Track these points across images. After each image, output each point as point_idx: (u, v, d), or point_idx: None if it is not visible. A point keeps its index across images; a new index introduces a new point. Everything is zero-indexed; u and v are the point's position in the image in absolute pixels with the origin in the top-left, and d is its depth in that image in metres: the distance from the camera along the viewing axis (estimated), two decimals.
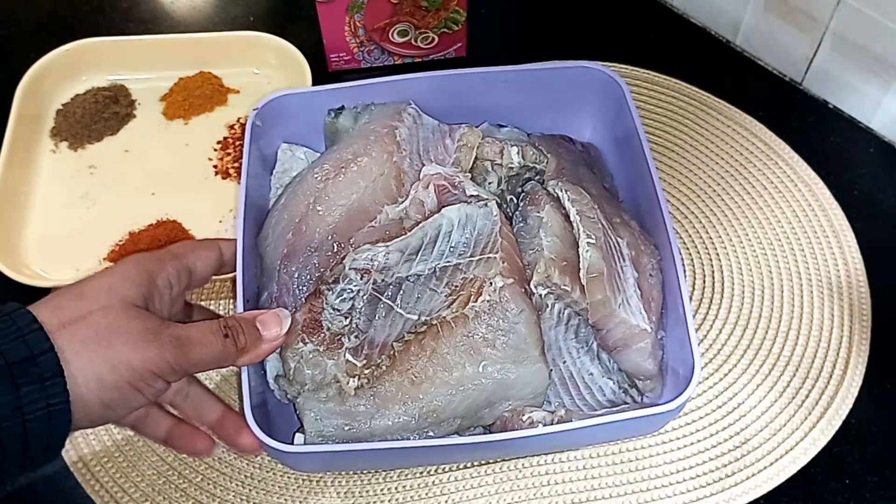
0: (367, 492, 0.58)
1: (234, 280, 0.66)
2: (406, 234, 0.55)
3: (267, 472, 0.59)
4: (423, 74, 0.63)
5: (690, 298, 0.62)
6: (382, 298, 0.53)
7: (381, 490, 0.58)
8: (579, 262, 0.55)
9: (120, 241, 0.68)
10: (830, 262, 0.67)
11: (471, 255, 0.54)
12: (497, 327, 0.51)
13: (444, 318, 0.52)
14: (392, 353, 0.52)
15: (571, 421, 0.52)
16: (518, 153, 0.62)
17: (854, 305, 0.65)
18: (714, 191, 0.71)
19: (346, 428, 0.51)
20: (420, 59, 0.80)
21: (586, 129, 0.69)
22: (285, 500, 0.58)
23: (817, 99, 0.77)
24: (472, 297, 0.52)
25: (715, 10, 0.80)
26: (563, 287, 0.55)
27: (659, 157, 0.73)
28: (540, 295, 0.55)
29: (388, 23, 0.75)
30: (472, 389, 0.51)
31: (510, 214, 0.60)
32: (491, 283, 0.52)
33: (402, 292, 0.53)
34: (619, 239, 0.58)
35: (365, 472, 0.59)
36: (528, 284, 0.54)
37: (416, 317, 0.53)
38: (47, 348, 0.39)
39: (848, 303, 0.65)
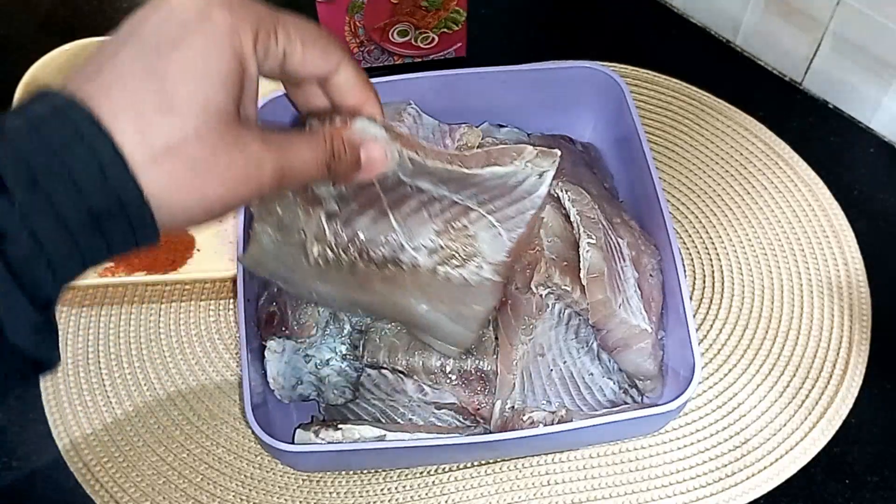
0: (367, 492, 0.58)
1: (234, 280, 0.66)
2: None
3: (267, 472, 0.59)
4: (423, 74, 0.63)
5: (690, 298, 0.62)
6: (376, 185, 0.47)
7: (381, 490, 0.58)
8: (580, 262, 0.55)
9: None
10: (830, 262, 0.67)
11: (488, 212, 0.50)
12: (457, 299, 0.50)
13: (417, 265, 0.49)
14: (354, 259, 0.49)
15: (572, 421, 0.52)
16: None
17: (854, 305, 0.65)
18: (714, 191, 0.71)
19: (283, 272, 0.50)
20: (420, 59, 0.80)
21: (586, 129, 0.69)
22: (285, 500, 0.58)
23: (817, 99, 0.77)
24: (456, 261, 0.49)
25: (715, 10, 0.80)
26: (563, 287, 0.55)
27: (659, 157, 0.73)
28: (541, 295, 0.55)
29: (388, 23, 0.75)
30: (405, 314, 0.52)
31: None
32: (480, 266, 0.50)
33: (400, 192, 0.48)
34: (619, 239, 0.58)
35: (365, 472, 0.59)
36: (509, 284, 0.54)
37: (399, 232, 0.49)
38: (136, 195, 0.33)
39: (848, 303, 0.65)
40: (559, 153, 0.50)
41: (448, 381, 0.55)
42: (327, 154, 0.41)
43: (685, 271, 0.63)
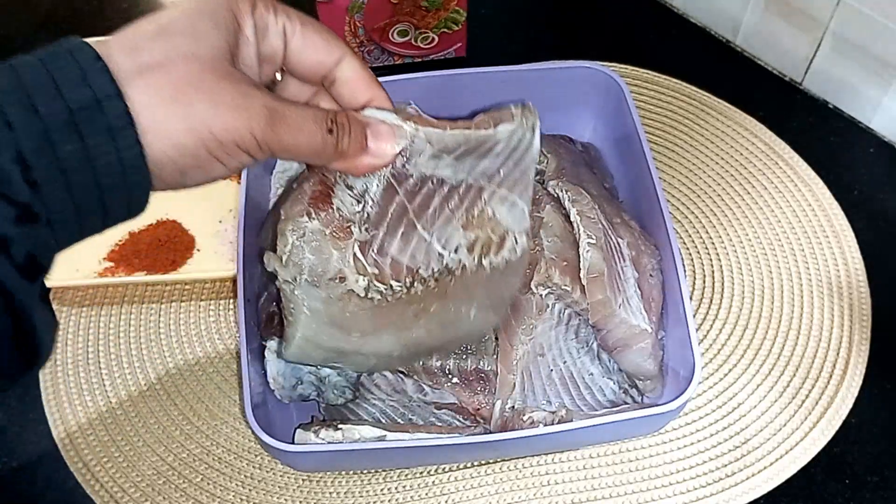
0: (367, 492, 0.58)
1: (234, 280, 0.66)
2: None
3: (267, 472, 0.59)
4: (423, 74, 0.63)
5: (690, 298, 0.62)
6: (399, 192, 0.45)
7: (381, 490, 0.58)
8: (580, 262, 0.55)
9: (120, 240, 0.68)
10: (830, 262, 0.67)
11: (498, 185, 0.48)
12: (502, 283, 0.50)
13: (464, 265, 0.47)
14: (409, 284, 0.46)
15: (571, 421, 0.52)
16: None
17: (854, 305, 0.65)
18: (714, 191, 0.71)
19: (340, 338, 0.46)
20: (420, 59, 0.80)
21: (586, 129, 0.69)
22: (285, 500, 0.58)
23: (817, 99, 0.77)
24: (494, 248, 0.48)
25: (715, 10, 0.80)
26: (563, 287, 0.55)
27: (659, 157, 0.73)
28: (541, 295, 0.55)
29: (388, 23, 0.75)
30: (453, 330, 0.50)
31: None
32: (515, 241, 0.48)
33: (421, 196, 0.46)
34: (619, 239, 0.58)
35: (365, 472, 0.59)
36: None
37: (433, 242, 0.46)
38: (114, 93, 0.32)
39: (848, 303, 0.65)
40: (534, 106, 0.49)
41: (448, 381, 0.55)
42: (328, 122, 0.39)
43: (685, 271, 0.63)
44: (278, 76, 0.42)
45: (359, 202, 0.45)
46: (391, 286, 0.45)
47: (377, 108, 0.43)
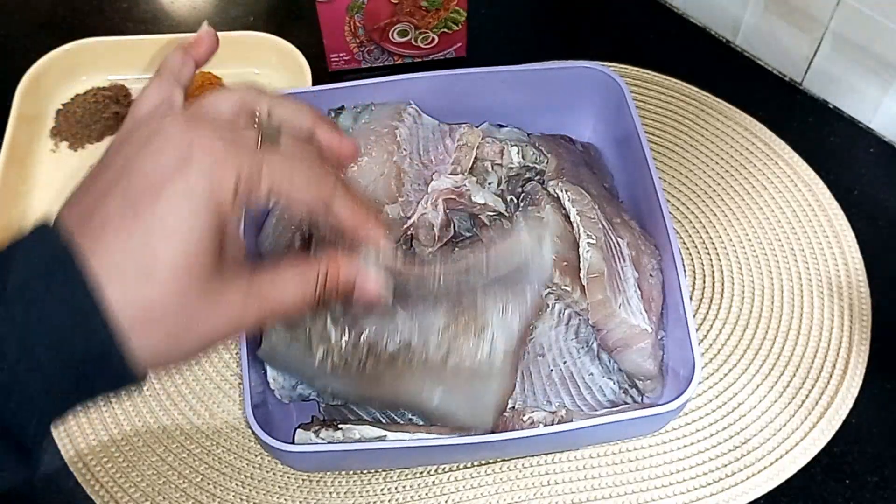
0: (367, 492, 0.58)
1: None
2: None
3: (267, 472, 0.59)
4: (423, 74, 0.63)
5: (690, 298, 0.62)
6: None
7: (381, 490, 0.58)
8: (580, 262, 0.55)
9: None
10: (830, 262, 0.67)
11: (493, 292, 0.49)
12: (471, 384, 0.49)
13: (427, 356, 0.49)
14: (363, 361, 0.49)
15: (572, 421, 0.52)
16: (518, 153, 0.62)
17: (854, 305, 0.65)
18: (714, 191, 0.71)
19: (294, 367, 0.51)
20: (420, 59, 0.80)
21: (586, 129, 0.69)
22: (285, 500, 0.58)
23: (817, 99, 0.77)
24: (465, 336, 0.49)
25: (715, 10, 0.80)
26: (563, 287, 0.55)
27: (659, 157, 0.73)
28: (541, 295, 0.55)
29: (388, 23, 0.75)
30: (416, 406, 0.51)
31: (510, 215, 0.60)
32: (490, 353, 0.49)
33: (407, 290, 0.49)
34: (619, 239, 0.58)
35: (365, 472, 0.59)
36: (522, 348, 0.53)
37: (407, 336, 0.49)
38: (120, 354, 0.35)
39: (848, 303, 0.65)
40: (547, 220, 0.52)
41: None
42: (317, 291, 0.40)
43: (685, 271, 0.63)
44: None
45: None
46: (347, 360, 0.48)
47: (372, 257, 0.43)
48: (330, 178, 0.41)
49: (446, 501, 0.58)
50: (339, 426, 0.53)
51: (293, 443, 0.53)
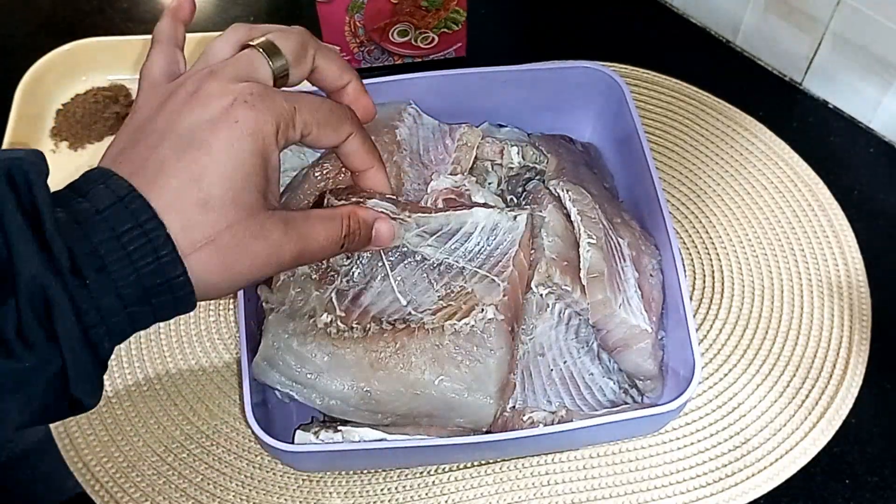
0: (367, 492, 0.58)
1: None
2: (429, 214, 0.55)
3: (267, 472, 0.59)
4: (423, 74, 0.63)
5: (690, 298, 0.62)
6: (384, 259, 0.53)
7: (381, 490, 0.58)
8: (580, 262, 0.55)
9: None
10: (830, 262, 0.67)
11: (478, 266, 0.53)
12: (468, 352, 0.50)
13: (424, 323, 0.51)
14: (367, 327, 0.51)
15: (572, 421, 0.52)
16: (518, 153, 0.62)
17: (854, 305, 0.65)
18: (714, 191, 0.71)
19: (295, 368, 0.51)
20: (420, 59, 0.80)
21: (586, 129, 0.69)
22: (285, 500, 0.58)
23: (817, 99, 0.77)
24: (459, 314, 0.51)
25: (715, 10, 0.80)
26: (563, 287, 0.55)
27: (659, 157, 0.73)
28: (541, 295, 0.55)
29: (388, 23, 0.75)
30: (420, 396, 0.51)
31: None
32: (483, 310, 0.51)
33: (403, 265, 0.53)
34: (619, 239, 0.58)
35: (365, 472, 0.59)
36: (516, 324, 0.54)
37: (404, 303, 0.52)
38: (180, 274, 0.39)
39: (848, 303, 0.65)
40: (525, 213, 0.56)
41: None
42: (343, 232, 0.47)
43: (685, 271, 0.63)
44: None
45: (347, 258, 0.53)
46: (351, 327, 0.51)
47: (380, 199, 0.52)
48: (348, 119, 0.49)
49: (446, 501, 0.58)
50: (339, 427, 0.53)
51: (293, 443, 0.53)
